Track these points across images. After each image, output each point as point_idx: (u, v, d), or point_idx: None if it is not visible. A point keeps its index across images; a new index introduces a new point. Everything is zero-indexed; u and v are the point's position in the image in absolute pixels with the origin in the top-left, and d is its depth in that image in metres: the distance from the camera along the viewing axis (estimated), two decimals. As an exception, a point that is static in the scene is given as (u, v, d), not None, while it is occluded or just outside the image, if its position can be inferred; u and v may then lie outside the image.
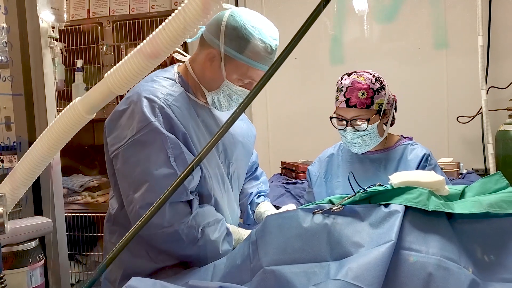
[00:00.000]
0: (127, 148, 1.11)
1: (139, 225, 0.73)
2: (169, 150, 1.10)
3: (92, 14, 2.59)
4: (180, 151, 1.11)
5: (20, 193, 0.82)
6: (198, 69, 1.24)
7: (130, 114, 1.12)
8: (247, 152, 1.44)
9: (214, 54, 1.18)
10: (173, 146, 1.10)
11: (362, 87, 1.51)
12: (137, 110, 1.11)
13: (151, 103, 1.12)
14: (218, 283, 0.89)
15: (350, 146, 1.60)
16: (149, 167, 1.09)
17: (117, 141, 1.13)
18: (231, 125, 0.71)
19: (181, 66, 1.29)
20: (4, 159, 1.58)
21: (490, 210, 0.89)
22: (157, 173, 1.08)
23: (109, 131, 1.16)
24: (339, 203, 0.98)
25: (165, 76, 1.23)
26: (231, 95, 1.23)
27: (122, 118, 1.13)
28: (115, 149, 1.13)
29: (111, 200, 1.26)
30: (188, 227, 1.11)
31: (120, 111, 1.15)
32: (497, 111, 2.34)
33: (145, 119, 1.09)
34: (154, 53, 0.68)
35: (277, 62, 0.71)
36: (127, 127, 1.12)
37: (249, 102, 0.73)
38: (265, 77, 0.72)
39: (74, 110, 0.74)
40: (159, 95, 1.14)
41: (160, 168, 1.08)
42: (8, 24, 1.44)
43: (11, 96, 1.51)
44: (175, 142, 1.11)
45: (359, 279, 0.79)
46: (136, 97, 1.13)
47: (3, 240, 0.79)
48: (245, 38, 1.15)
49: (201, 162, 1.14)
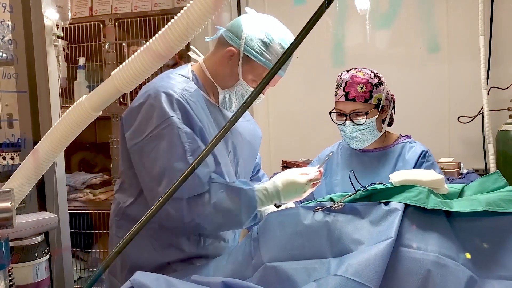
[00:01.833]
0: (147, 143, 1.12)
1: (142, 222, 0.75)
2: (186, 144, 1.11)
3: (95, 12, 2.59)
4: (197, 145, 1.13)
5: (27, 189, 0.83)
6: (213, 67, 1.26)
7: (148, 108, 1.13)
8: (254, 153, 1.46)
9: (233, 53, 1.21)
10: (190, 141, 1.12)
11: (361, 81, 1.54)
12: (155, 105, 1.12)
13: (169, 98, 1.13)
14: (221, 278, 0.90)
15: (349, 141, 1.62)
16: (169, 161, 1.10)
17: (136, 135, 1.14)
18: (236, 121, 0.72)
19: (195, 65, 1.30)
20: (6, 156, 1.59)
21: (488, 208, 0.91)
22: (175, 166, 1.10)
23: (127, 126, 1.17)
24: (340, 201, 1.00)
25: (179, 73, 1.24)
26: (243, 95, 1.27)
27: (140, 113, 1.14)
28: (134, 143, 1.14)
29: (121, 194, 1.26)
30: (208, 217, 1.12)
31: (138, 106, 1.15)
32: (498, 111, 2.34)
33: (164, 114, 1.11)
34: (164, 50, 0.69)
35: (280, 61, 0.72)
36: (146, 122, 1.13)
37: (252, 101, 0.75)
38: (268, 76, 0.73)
39: (81, 108, 0.75)
40: (176, 90, 1.15)
41: (178, 162, 1.10)
42: (13, 22, 1.46)
43: (13, 93, 1.52)
44: (192, 137, 1.13)
45: (359, 275, 0.80)
46: (154, 91, 1.14)
47: (11, 235, 0.80)
48: (266, 41, 1.20)
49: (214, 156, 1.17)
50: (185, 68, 1.28)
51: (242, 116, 1.36)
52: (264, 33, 1.20)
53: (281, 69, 1.21)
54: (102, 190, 2.67)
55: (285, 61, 0.73)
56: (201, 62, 1.29)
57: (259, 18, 1.24)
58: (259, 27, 1.21)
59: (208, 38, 1.31)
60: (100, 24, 2.55)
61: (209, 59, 1.28)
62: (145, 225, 0.70)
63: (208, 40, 1.30)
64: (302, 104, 2.82)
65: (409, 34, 2.63)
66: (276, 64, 0.73)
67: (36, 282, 0.99)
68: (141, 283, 0.84)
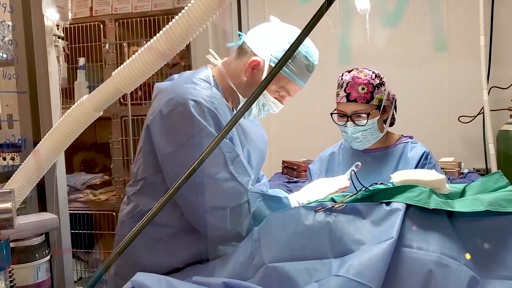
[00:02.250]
0: (183, 152, 1.09)
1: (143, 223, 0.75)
2: (227, 154, 1.10)
3: (95, 12, 2.59)
4: (235, 154, 1.12)
5: (28, 189, 0.83)
6: (235, 75, 1.25)
7: (179, 117, 1.10)
8: (263, 158, 1.46)
9: (258, 63, 1.20)
10: (229, 150, 1.11)
11: (362, 82, 1.54)
12: (187, 113, 1.09)
13: (200, 106, 1.10)
14: (222, 279, 0.90)
15: (351, 141, 1.62)
16: (210, 171, 1.08)
17: (169, 144, 1.11)
18: (236, 122, 0.72)
19: (214, 69, 1.28)
20: (6, 156, 1.58)
21: (490, 208, 0.90)
22: (217, 177, 1.08)
23: (156, 134, 1.13)
24: (341, 201, 0.99)
25: (200, 77, 1.21)
26: (264, 105, 1.27)
27: (171, 121, 1.11)
28: (168, 152, 1.11)
29: (141, 197, 1.20)
30: (248, 225, 1.12)
31: (167, 114, 1.11)
32: (499, 111, 2.34)
33: (198, 123, 1.08)
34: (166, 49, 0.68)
35: (281, 61, 0.72)
36: (179, 131, 1.10)
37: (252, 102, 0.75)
38: (270, 76, 0.73)
39: (82, 108, 0.75)
40: (205, 97, 1.13)
41: (220, 172, 1.09)
42: (14, 22, 1.45)
43: (13, 94, 1.52)
44: (231, 146, 1.12)
45: (360, 276, 0.80)
46: (182, 99, 1.10)
47: (11, 235, 0.80)
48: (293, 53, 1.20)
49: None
50: (205, 72, 1.24)
51: (252, 121, 1.37)
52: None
53: (302, 80, 1.24)
54: (103, 191, 2.67)
55: (287, 60, 0.73)
56: (221, 67, 1.27)
57: (285, 28, 1.23)
58: (286, 38, 1.20)
59: (230, 43, 1.31)
60: (100, 24, 2.55)
61: (229, 64, 1.27)
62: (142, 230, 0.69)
63: (230, 45, 1.30)
64: (302, 103, 2.81)
65: (409, 34, 2.63)
66: (277, 65, 0.73)
67: (37, 283, 0.99)
68: (142, 283, 0.84)
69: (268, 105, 1.28)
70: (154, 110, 1.15)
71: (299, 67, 1.22)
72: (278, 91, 1.25)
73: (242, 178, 1.11)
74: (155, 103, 1.17)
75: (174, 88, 1.15)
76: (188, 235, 1.16)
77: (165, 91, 1.16)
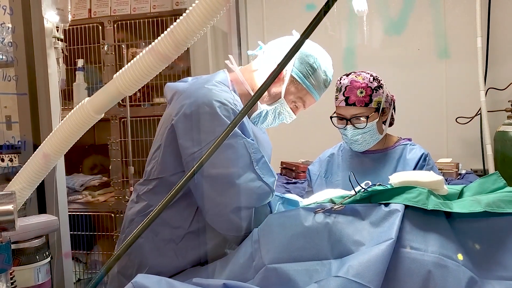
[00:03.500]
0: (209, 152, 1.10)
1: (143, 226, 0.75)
2: (253, 155, 1.11)
3: (93, 14, 2.60)
4: (260, 155, 1.13)
5: (28, 192, 0.83)
6: (254, 82, 1.27)
7: (206, 117, 1.11)
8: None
9: (280, 73, 1.20)
10: (255, 150, 1.12)
11: (361, 85, 1.55)
12: (213, 114, 1.10)
13: (225, 107, 1.11)
14: (222, 280, 0.90)
15: (351, 144, 1.63)
16: (235, 171, 1.09)
17: (195, 144, 1.11)
18: (237, 124, 0.72)
19: (233, 74, 1.29)
20: (5, 158, 1.58)
21: (488, 209, 0.91)
22: (244, 177, 1.09)
23: (182, 134, 1.13)
24: (340, 202, 1.00)
25: (219, 80, 1.22)
26: (280, 113, 1.29)
27: (196, 121, 1.12)
28: (193, 152, 1.11)
29: (153, 197, 1.19)
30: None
31: (192, 114, 1.12)
32: (496, 112, 2.36)
33: (225, 124, 1.09)
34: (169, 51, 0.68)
35: (281, 64, 0.73)
36: (206, 131, 1.11)
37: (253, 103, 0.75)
38: (271, 78, 0.73)
39: (83, 110, 0.76)
40: (229, 100, 1.14)
41: (246, 172, 1.10)
42: (13, 24, 1.46)
43: (12, 96, 1.52)
44: (256, 147, 1.14)
45: (360, 276, 0.81)
46: (207, 100, 1.11)
47: (12, 237, 0.80)
48: (315, 66, 1.24)
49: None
50: (223, 75, 1.26)
51: (260, 128, 1.38)
52: (313, 59, 1.24)
53: (318, 93, 1.28)
54: (101, 192, 2.67)
55: (286, 64, 0.74)
56: (239, 73, 1.28)
57: (306, 43, 1.24)
58: (308, 51, 1.24)
59: (250, 51, 1.34)
60: (99, 26, 2.56)
61: (249, 72, 1.29)
62: (146, 228, 0.70)
63: (250, 54, 1.33)
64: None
65: (407, 36, 2.64)
66: (278, 66, 0.74)
67: (37, 285, 0.99)
68: (142, 285, 0.84)
69: (283, 115, 1.30)
70: (177, 110, 1.14)
71: (318, 80, 1.25)
72: (295, 102, 1.28)
73: (267, 179, 1.12)
74: (177, 103, 1.16)
75: (197, 89, 1.16)
76: (197, 237, 1.16)
77: (187, 92, 1.17)
